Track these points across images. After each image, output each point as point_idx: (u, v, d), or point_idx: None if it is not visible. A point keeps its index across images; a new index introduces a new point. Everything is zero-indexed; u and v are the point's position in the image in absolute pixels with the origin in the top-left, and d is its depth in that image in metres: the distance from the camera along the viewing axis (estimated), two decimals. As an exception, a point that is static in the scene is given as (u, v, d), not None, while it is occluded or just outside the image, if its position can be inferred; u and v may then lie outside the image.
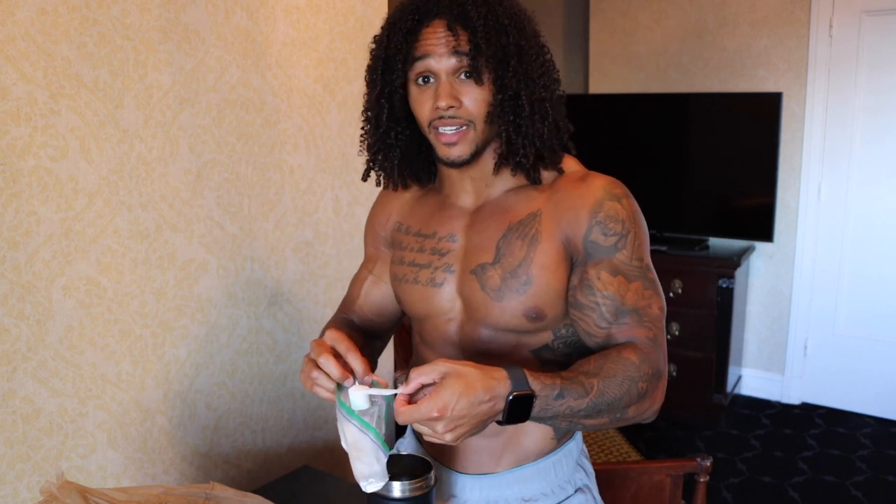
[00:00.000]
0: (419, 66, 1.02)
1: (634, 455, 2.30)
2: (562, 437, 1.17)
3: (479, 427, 0.91)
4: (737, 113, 3.42)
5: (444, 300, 1.12)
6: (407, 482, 0.96)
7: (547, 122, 1.05)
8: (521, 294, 1.05)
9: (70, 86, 1.32)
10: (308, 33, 1.78)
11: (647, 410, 1.03)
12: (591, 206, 1.04)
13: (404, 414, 0.88)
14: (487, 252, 1.08)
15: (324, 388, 0.98)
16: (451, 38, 1.00)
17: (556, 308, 1.06)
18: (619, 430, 2.43)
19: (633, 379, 0.98)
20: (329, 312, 1.93)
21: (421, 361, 1.20)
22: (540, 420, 0.96)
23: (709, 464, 1.57)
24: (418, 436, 1.25)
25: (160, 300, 1.52)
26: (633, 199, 1.07)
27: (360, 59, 1.92)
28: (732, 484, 2.85)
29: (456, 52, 0.99)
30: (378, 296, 1.27)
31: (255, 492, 1.23)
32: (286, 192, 1.78)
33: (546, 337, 1.10)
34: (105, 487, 1.02)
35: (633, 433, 3.19)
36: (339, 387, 0.96)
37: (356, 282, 1.30)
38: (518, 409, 0.91)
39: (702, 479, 1.58)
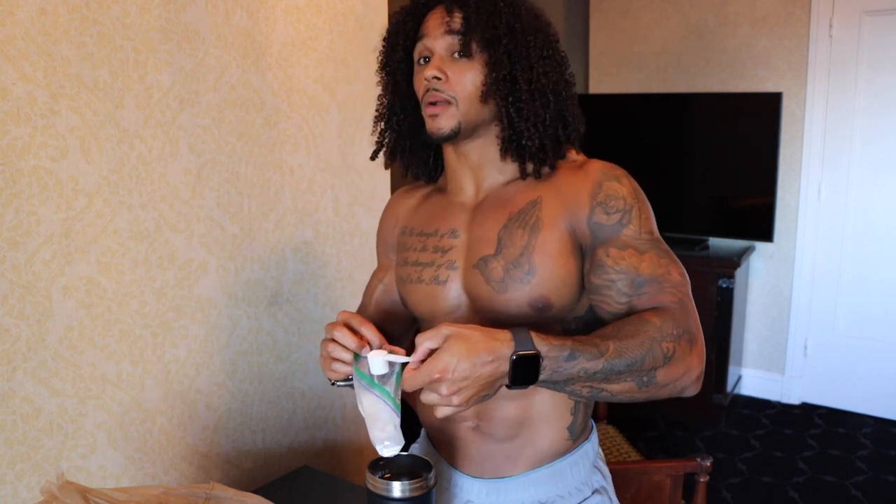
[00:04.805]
0: (419, 47, 1.08)
1: (634, 455, 2.30)
2: (577, 438, 1.16)
3: (486, 390, 0.91)
4: (737, 113, 3.42)
5: (449, 297, 1.12)
6: (407, 482, 0.96)
7: (549, 111, 1.06)
8: (526, 284, 1.04)
9: (70, 86, 1.32)
10: (308, 33, 1.78)
11: (683, 378, 0.96)
12: (590, 189, 1.05)
13: (409, 379, 0.89)
14: (489, 244, 1.08)
15: (341, 360, 1.00)
16: (446, 18, 1.05)
17: (563, 297, 1.06)
18: (619, 429, 2.42)
19: (655, 339, 0.93)
20: (329, 312, 1.93)
21: None
22: (555, 385, 0.93)
23: (709, 464, 1.57)
24: (433, 440, 1.25)
25: (160, 300, 1.52)
26: (632, 179, 1.07)
27: (360, 59, 1.92)
28: (732, 484, 2.85)
29: (449, 31, 1.04)
30: (388, 303, 1.27)
31: (255, 492, 1.23)
32: (286, 192, 1.78)
33: (556, 333, 1.08)
34: (105, 487, 1.02)
35: (633, 433, 3.19)
36: (357, 358, 0.99)
37: (368, 290, 1.30)
38: (524, 371, 0.89)
39: (702, 479, 1.58)
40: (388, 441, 0.95)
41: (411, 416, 1.08)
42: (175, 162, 1.51)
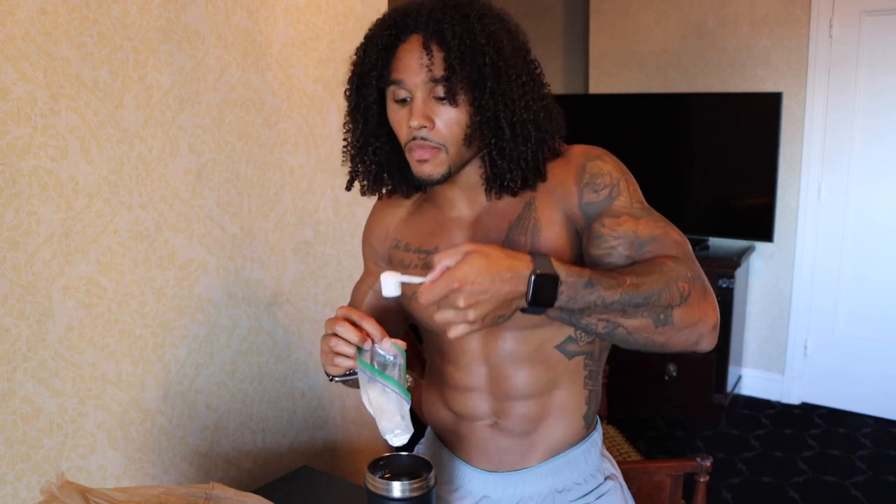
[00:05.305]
0: (395, 89, 1.02)
1: (634, 455, 2.30)
2: (589, 426, 1.18)
3: (503, 309, 0.89)
4: (737, 113, 3.42)
5: None
6: (407, 482, 0.96)
7: (530, 144, 1.03)
8: None
9: (70, 86, 1.32)
10: (308, 33, 1.78)
11: (699, 324, 0.95)
12: (575, 173, 1.05)
13: (426, 293, 0.87)
14: None
15: (344, 354, 1.00)
16: (425, 61, 0.98)
17: None
18: (619, 429, 2.42)
19: (671, 277, 0.94)
20: (329, 312, 1.93)
21: (439, 374, 1.20)
22: (572, 315, 0.92)
23: (709, 464, 1.57)
24: (442, 439, 1.25)
25: (160, 300, 1.52)
26: (613, 156, 1.07)
27: (360, 59, 1.92)
28: (732, 484, 2.85)
29: (432, 78, 0.98)
30: (380, 308, 1.26)
31: (255, 492, 1.23)
32: (286, 192, 1.78)
33: (567, 328, 1.10)
34: (105, 487, 1.02)
35: (633, 433, 3.19)
36: (360, 351, 1.00)
37: (357, 293, 1.29)
38: (542, 291, 0.88)
39: (702, 479, 1.58)
40: (397, 430, 0.96)
41: (413, 416, 1.08)
42: (175, 162, 1.51)
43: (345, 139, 1.14)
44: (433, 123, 1.00)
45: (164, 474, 1.57)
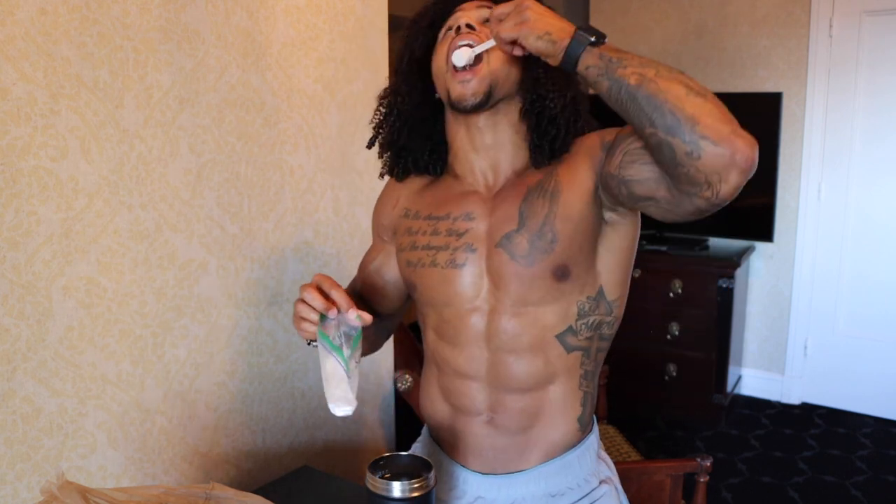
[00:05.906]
0: (450, 20, 1.10)
1: (634, 455, 2.30)
2: (584, 429, 1.18)
3: (549, 27, 0.94)
4: (737, 113, 3.39)
5: (465, 283, 1.11)
6: (407, 482, 0.96)
7: (570, 88, 1.09)
8: (549, 253, 1.06)
9: (70, 86, 1.32)
10: (308, 33, 1.78)
11: (735, 133, 0.91)
12: (597, 133, 1.11)
13: (499, 7, 0.99)
14: (511, 220, 1.08)
15: (308, 319, 1.04)
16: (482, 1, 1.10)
17: (579, 265, 1.08)
18: (619, 429, 2.42)
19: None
20: (329, 312, 1.93)
21: (438, 361, 1.20)
22: (609, 64, 0.91)
23: (709, 464, 1.57)
24: (438, 440, 1.25)
25: (160, 300, 1.52)
26: None
27: (360, 59, 1.92)
28: (732, 484, 2.85)
29: (483, 6, 1.08)
30: (379, 283, 1.28)
31: (255, 492, 1.22)
32: (286, 192, 1.78)
33: (570, 317, 1.10)
34: (105, 487, 1.02)
35: (633, 433, 3.19)
36: (323, 320, 1.03)
37: (363, 264, 1.32)
38: (588, 31, 0.93)
39: (702, 479, 1.58)
40: (339, 401, 1.00)
41: (412, 416, 1.08)
42: (175, 162, 1.51)
43: (384, 91, 1.18)
44: (480, 27, 1.06)
45: (164, 474, 1.57)
